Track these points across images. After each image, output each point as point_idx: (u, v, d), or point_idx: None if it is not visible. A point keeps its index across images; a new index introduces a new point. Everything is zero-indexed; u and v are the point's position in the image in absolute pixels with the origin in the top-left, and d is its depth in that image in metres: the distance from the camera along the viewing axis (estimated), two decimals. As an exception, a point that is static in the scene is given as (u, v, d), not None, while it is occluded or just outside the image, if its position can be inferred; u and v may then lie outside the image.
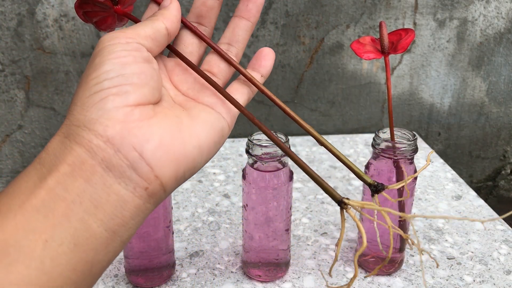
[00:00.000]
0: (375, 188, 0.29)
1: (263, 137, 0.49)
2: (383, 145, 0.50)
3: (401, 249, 0.54)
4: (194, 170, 0.28)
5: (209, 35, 0.34)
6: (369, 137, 0.91)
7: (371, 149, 0.83)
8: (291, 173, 0.50)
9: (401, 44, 0.47)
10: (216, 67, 0.34)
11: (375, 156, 0.51)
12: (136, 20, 0.34)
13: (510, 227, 0.64)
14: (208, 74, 0.33)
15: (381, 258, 0.54)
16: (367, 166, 0.52)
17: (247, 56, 0.84)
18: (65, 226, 0.24)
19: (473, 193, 0.72)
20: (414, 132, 0.92)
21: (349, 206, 0.28)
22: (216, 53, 0.34)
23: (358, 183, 0.74)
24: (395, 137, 0.50)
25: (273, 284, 0.53)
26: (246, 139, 0.55)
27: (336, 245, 0.29)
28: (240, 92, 0.34)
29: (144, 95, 0.27)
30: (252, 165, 0.48)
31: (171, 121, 0.28)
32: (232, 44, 0.34)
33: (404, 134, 0.51)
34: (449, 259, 0.58)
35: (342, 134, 0.93)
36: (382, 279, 0.54)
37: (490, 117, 0.95)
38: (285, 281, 0.54)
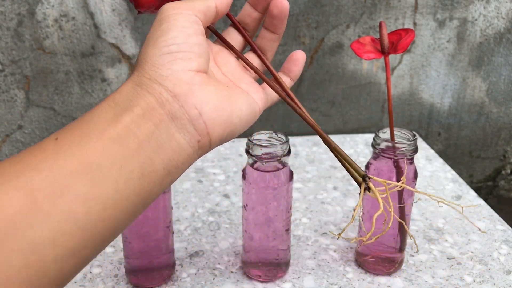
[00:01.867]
0: None
1: (263, 137, 0.49)
2: (383, 145, 0.50)
3: (401, 249, 0.54)
4: (233, 136, 0.34)
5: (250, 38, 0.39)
6: (369, 137, 0.90)
7: (371, 149, 0.83)
8: (291, 173, 0.50)
9: (401, 44, 0.47)
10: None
11: (375, 156, 0.51)
12: None
13: (510, 227, 0.64)
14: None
15: (381, 258, 0.54)
16: (367, 166, 0.52)
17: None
18: (136, 159, 0.28)
19: (473, 193, 0.72)
20: (414, 132, 0.92)
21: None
22: (253, 52, 0.39)
23: (358, 183, 0.74)
24: (395, 137, 0.50)
25: (273, 284, 0.53)
26: (246, 139, 0.56)
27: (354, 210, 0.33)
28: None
29: (202, 64, 0.32)
30: (252, 165, 0.48)
31: (223, 91, 0.33)
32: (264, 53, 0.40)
33: (404, 134, 0.51)
34: (449, 259, 0.58)
35: (342, 134, 0.93)
36: (382, 279, 0.54)
37: (490, 117, 0.95)
38: (285, 281, 0.54)
